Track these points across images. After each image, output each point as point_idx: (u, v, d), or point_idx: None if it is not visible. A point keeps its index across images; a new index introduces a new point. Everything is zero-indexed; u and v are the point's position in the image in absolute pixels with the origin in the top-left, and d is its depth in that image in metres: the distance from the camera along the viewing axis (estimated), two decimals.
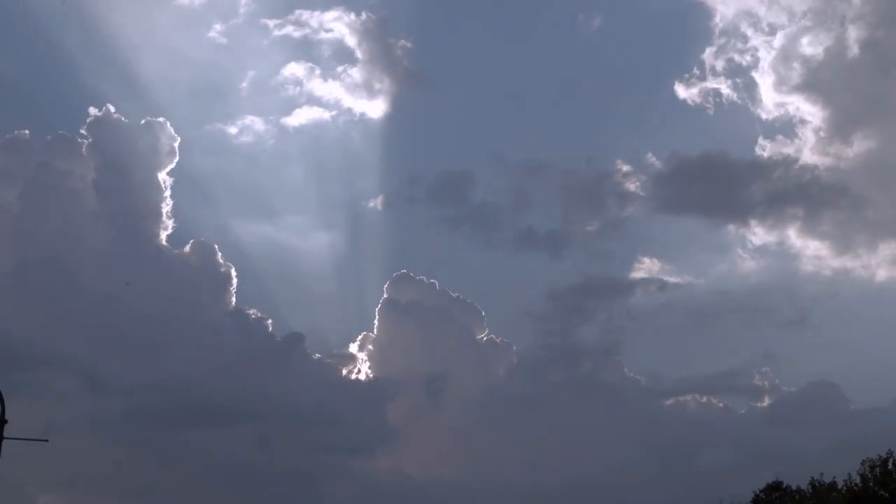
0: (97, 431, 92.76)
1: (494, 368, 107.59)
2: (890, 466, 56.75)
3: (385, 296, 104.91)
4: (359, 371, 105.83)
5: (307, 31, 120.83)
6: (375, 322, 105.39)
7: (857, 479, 57.42)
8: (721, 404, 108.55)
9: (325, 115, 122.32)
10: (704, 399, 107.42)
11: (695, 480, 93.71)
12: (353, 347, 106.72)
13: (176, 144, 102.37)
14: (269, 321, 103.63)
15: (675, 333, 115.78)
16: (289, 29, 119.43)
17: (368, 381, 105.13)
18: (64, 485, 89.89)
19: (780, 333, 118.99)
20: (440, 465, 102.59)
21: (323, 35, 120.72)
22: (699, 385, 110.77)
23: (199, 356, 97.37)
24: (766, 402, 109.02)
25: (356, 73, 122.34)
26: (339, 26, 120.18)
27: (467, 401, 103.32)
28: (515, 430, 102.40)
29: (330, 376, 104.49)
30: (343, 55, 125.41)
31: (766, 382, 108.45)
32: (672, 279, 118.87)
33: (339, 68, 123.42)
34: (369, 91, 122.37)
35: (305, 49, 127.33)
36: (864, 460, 57.18)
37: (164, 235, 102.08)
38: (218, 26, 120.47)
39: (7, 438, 33.22)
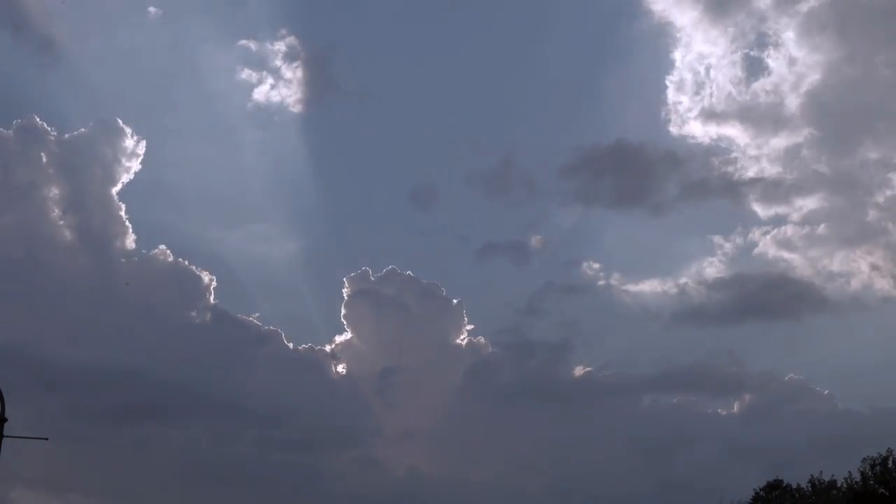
0: (45, 426, 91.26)
1: (468, 365, 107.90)
2: (890, 465, 56.76)
3: (347, 297, 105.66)
4: (331, 367, 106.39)
5: (263, 44, 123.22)
6: (343, 320, 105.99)
7: (858, 478, 57.42)
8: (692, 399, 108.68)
9: (282, 129, 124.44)
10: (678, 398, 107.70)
11: (673, 477, 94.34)
12: (323, 344, 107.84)
13: (141, 152, 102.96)
14: (241, 320, 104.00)
15: (642, 332, 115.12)
16: (243, 42, 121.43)
17: (339, 377, 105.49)
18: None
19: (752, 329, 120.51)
20: (419, 462, 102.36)
21: (277, 49, 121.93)
22: (673, 383, 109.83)
23: (167, 352, 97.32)
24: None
25: (306, 87, 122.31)
26: (292, 41, 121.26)
27: (440, 398, 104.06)
28: (495, 427, 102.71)
29: (300, 372, 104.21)
30: (296, 71, 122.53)
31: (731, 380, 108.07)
32: (631, 279, 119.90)
33: (291, 81, 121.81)
34: (317, 105, 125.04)
35: (260, 63, 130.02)
36: (864, 458, 57.27)
37: (125, 239, 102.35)
38: (176, 40, 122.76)
39: (7, 437, 32.66)
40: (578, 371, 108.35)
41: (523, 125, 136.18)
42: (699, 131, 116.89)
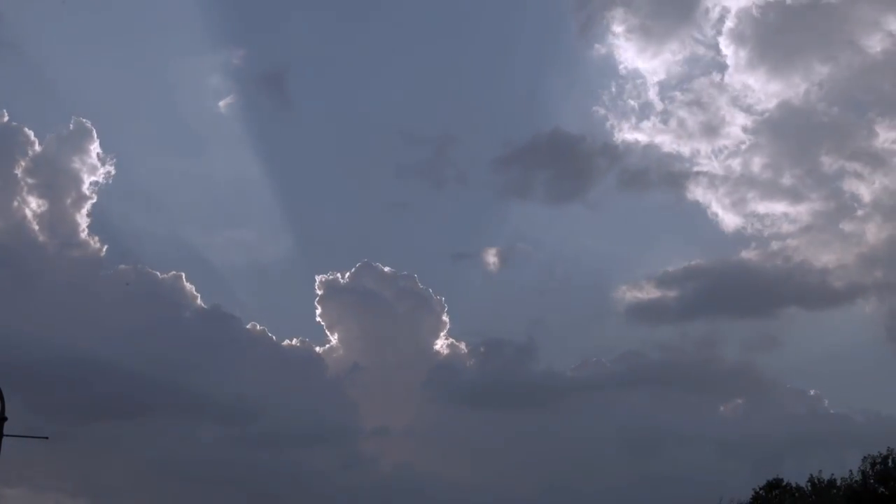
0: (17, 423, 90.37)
1: (449, 365, 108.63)
2: (890, 464, 56.56)
3: (321, 293, 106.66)
4: (310, 363, 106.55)
5: (228, 56, 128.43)
6: (318, 318, 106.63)
7: (858, 477, 57.12)
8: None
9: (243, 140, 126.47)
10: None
11: (657, 473, 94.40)
12: (296, 340, 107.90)
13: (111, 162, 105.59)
14: (221, 316, 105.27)
15: (617, 330, 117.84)
16: (209, 55, 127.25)
17: (318, 374, 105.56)
18: None
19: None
20: (403, 459, 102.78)
21: (241, 55, 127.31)
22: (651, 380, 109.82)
23: (142, 348, 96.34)
24: None
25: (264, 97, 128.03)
26: (251, 54, 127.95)
27: (420, 395, 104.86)
28: (476, 426, 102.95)
29: (278, 368, 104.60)
30: (256, 82, 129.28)
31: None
32: (602, 274, 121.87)
33: (250, 91, 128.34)
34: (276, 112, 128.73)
35: (224, 74, 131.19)
36: (864, 457, 57.05)
37: (98, 245, 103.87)
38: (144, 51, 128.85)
39: (7, 436, 32.77)
40: (566, 369, 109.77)
41: (459, 116, 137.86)
42: (643, 131, 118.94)
